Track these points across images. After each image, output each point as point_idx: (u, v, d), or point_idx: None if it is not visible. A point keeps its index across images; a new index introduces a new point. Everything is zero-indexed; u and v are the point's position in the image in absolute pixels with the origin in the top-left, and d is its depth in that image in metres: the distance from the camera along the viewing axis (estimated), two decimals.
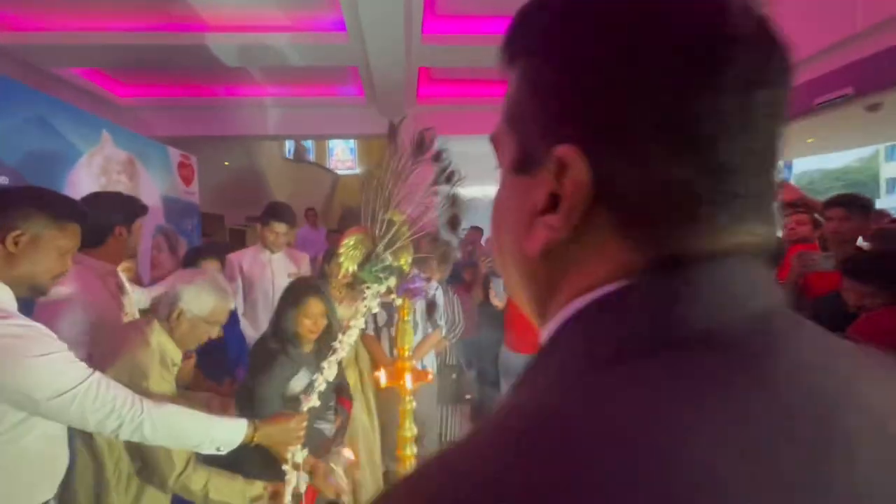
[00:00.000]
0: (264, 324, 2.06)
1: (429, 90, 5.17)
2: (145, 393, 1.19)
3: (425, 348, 2.51)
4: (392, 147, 1.38)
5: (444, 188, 1.34)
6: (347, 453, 1.65)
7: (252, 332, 2.46)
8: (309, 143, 10.20)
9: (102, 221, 1.59)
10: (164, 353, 1.36)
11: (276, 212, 2.59)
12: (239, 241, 7.64)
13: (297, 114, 5.55)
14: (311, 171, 9.13)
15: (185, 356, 1.48)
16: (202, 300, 1.38)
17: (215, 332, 1.45)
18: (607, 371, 0.24)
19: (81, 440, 1.28)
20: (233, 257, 2.57)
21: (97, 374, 1.04)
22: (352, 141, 10.35)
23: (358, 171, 10.41)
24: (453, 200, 1.32)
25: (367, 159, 10.18)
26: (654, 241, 0.26)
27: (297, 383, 1.73)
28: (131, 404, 1.06)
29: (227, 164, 7.28)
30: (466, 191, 1.34)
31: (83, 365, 1.03)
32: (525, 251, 0.30)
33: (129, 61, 4.10)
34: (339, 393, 2.03)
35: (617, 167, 0.26)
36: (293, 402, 1.64)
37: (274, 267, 2.61)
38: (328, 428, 1.93)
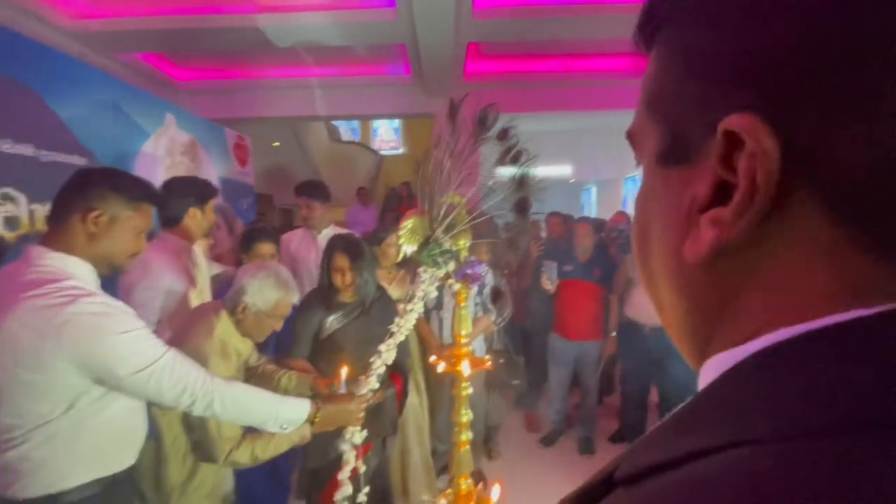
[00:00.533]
0: None
1: (477, 66, 5.03)
2: None
3: (475, 332, 2.48)
4: (451, 125, 1.32)
5: (509, 169, 1.28)
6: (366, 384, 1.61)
7: None
8: (354, 124, 10.28)
9: (178, 204, 1.74)
10: (226, 343, 1.40)
11: (303, 188, 2.61)
12: (288, 220, 7.90)
13: (343, 94, 5.59)
14: (356, 152, 9.22)
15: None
16: (265, 295, 1.41)
17: (279, 325, 1.48)
18: (848, 438, 0.17)
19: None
20: (285, 238, 2.63)
21: (172, 350, 1.08)
22: (396, 121, 10.32)
23: (402, 151, 10.41)
24: (521, 182, 1.25)
25: (411, 140, 10.15)
26: None
27: (332, 323, 1.91)
28: (203, 382, 1.09)
29: (276, 144, 7.48)
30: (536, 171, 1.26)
31: (160, 342, 1.07)
32: (684, 259, 0.23)
33: (186, 45, 4.23)
34: (392, 368, 2.06)
35: (826, 136, 0.18)
36: (328, 343, 1.87)
37: (320, 245, 2.65)
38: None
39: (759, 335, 0.21)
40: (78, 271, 1.03)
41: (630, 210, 5.12)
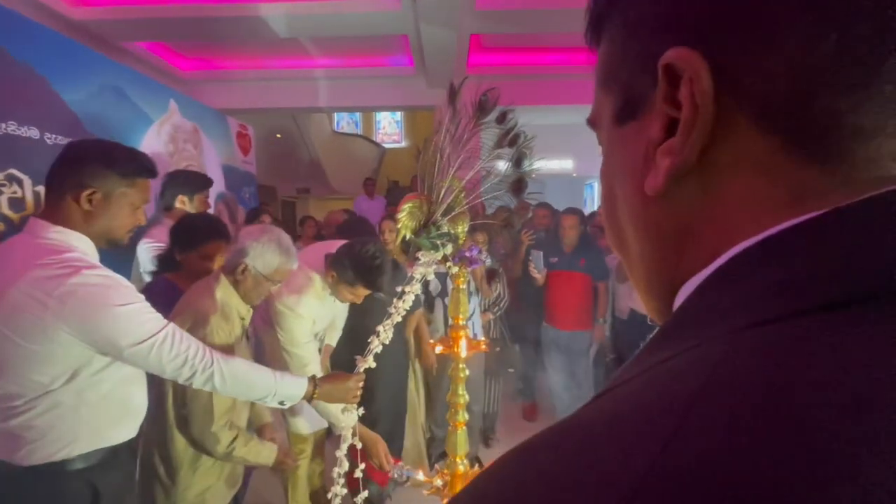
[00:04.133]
0: None
1: (479, 59, 5.02)
2: (203, 341, 1.25)
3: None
4: (451, 110, 1.34)
5: (505, 151, 1.29)
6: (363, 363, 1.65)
7: None
8: (356, 116, 10.27)
9: (168, 193, 2.05)
10: (227, 306, 1.41)
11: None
12: (290, 211, 7.91)
13: (345, 86, 5.58)
14: (358, 144, 9.22)
15: None
16: (267, 259, 1.42)
17: (276, 290, 1.49)
18: (805, 323, 0.18)
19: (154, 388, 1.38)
20: None
21: (172, 325, 1.10)
22: (398, 114, 10.31)
23: (404, 144, 10.40)
24: (518, 163, 1.26)
25: (413, 133, 10.14)
26: (841, 156, 0.20)
27: None
28: (202, 356, 1.11)
29: (279, 136, 7.48)
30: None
31: (159, 316, 1.09)
32: (646, 196, 0.25)
33: (189, 34, 4.23)
34: None
35: (748, 61, 0.21)
36: None
37: None
38: None
39: (718, 256, 0.23)
40: (79, 244, 1.05)
41: None
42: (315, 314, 1.73)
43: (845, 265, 0.19)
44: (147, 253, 1.93)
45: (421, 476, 1.45)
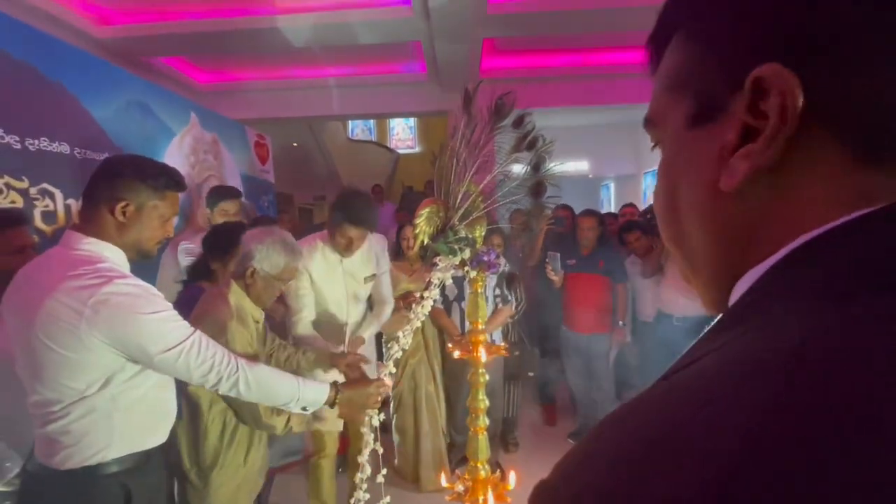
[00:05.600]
0: None
1: (492, 62, 5.03)
2: (225, 347, 1.29)
3: (496, 323, 2.49)
4: (466, 115, 1.34)
5: (523, 156, 1.29)
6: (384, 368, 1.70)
7: None
8: (370, 123, 10.38)
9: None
10: (242, 310, 1.45)
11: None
12: (307, 219, 8.01)
13: (359, 94, 5.65)
14: (372, 151, 9.31)
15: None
16: (273, 259, 1.45)
17: (286, 288, 1.57)
18: (867, 304, 0.20)
19: (184, 394, 1.42)
20: None
21: (198, 332, 1.13)
22: (412, 120, 10.38)
23: (418, 149, 10.47)
24: (537, 167, 1.27)
25: (427, 138, 10.19)
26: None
27: None
28: (228, 362, 1.14)
29: (295, 144, 7.60)
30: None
31: (186, 324, 1.12)
32: (719, 193, 0.28)
33: (207, 47, 4.35)
34: None
35: (833, 79, 0.24)
36: None
37: None
38: None
39: (793, 240, 0.26)
40: (111, 255, 1.09)
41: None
42: (315, 270, 1.95)
43: None
44: (183, 254, 2.01)
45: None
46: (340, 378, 1.58)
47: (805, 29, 0.25)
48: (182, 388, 1.33)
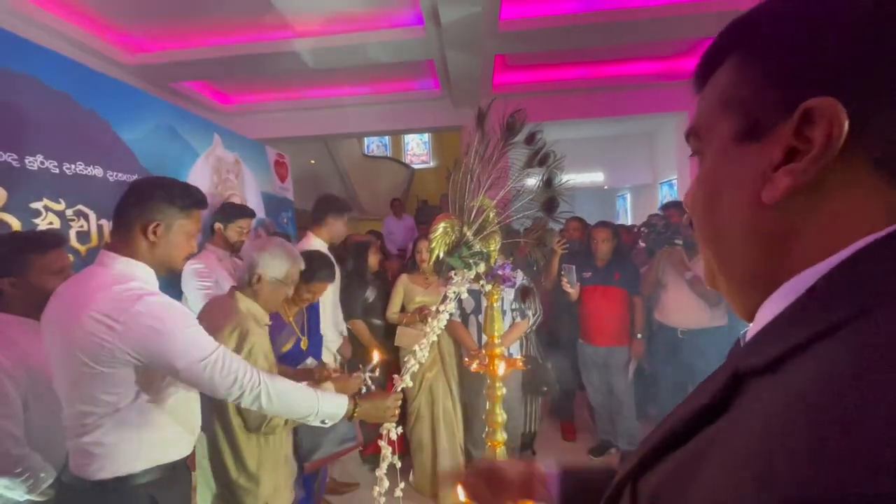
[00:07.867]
0: None
1: (504, 78, 5.10)
2: (251, 350, 1.41)
3: (513, 337, 2.47)
4: (479, 132, 1.38)
5: (536, 171, 1.31)
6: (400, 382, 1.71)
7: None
8: (385, 139, 10.54)
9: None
10: (255, 314, 1.54)
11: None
12: None
13: (375, 111, 5.77)
14: (388, 166, 9.44)
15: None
16: (277, 264, 1.55)
17: (291, 291, 1.64)
18: None
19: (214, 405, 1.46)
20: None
21: (223, 347, 1.17)
22: (426, 136, 10.52)
23: (432, 164, 10.58)
24: (549, 182, 1.29)
25: (441, 153, 10.30)
26: None
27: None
28: (251, 375, 1.17)
29: (312, 162, 7.77)
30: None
31: (211, 339, 1.16)
32: (760, 204, 0.31)
33: (229, 71, 4.52)
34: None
35: (879, 114, 0.27)
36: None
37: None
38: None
39: (818, 261, 0.28)
40: (141, 273, 1.14)
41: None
42: None
43: None
44: (191, 275, 2.11)
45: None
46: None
47: (861, 64, 0.27)
48: (213, 405, 1.38)
